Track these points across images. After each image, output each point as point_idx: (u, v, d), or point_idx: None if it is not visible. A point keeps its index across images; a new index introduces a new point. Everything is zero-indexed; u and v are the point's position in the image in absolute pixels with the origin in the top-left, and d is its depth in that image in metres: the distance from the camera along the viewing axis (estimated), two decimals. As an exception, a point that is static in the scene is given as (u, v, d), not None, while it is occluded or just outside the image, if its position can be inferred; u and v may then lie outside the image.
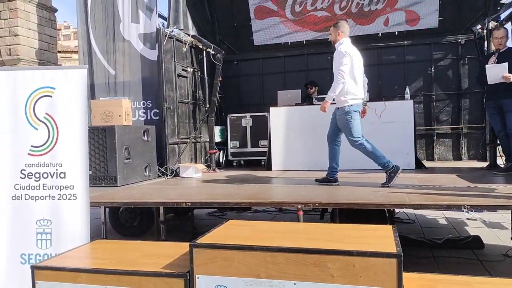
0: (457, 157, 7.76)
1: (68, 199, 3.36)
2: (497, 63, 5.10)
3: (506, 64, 4.94)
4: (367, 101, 4.94)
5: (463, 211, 3.90)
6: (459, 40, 7.70)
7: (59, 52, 11.97)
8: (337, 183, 4.78)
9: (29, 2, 9.95)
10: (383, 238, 2.53)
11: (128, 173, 5.40)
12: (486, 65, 5.18)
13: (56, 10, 10.83)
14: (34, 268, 2.74)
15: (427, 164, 6.73)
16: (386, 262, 2.16)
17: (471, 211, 6.49)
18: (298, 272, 2.27)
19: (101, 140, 5.11)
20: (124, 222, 5.93)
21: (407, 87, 6.77)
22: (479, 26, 6.50)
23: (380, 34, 8.03)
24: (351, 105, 4.59)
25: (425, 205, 3.30)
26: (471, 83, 7.67)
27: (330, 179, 4.81)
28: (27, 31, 9.98)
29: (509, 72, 4.93)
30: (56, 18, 10.93)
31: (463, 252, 4.95)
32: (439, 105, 7.89)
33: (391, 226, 2.87)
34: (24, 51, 9.84)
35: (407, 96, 6.41)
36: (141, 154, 5.67)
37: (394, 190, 3.95)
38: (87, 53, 6.53)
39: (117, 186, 5.13)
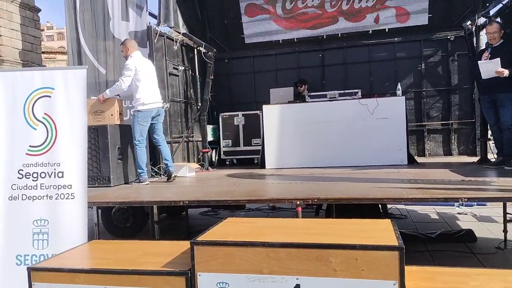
0: (448, 152, 7.84)
1: (66, 198, 3.36)
2: (490, 58, 5.14)
3: (498, 59, 4.99)
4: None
5: (458, 204, 3.95)
6: (449, 37, 7.77)
7: (42, 53, 11.78)
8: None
9: (12, 2, 9.75)
10: (383, 231, 2.54)
11: (121, 173, 5.35)
12: (479, 61, 5.23)
13: (39, 10, 10.63)
14: (30, 269, 2.70)
15: (419, 159, 6.79)
16: (388, 255, 2.17)
17: (461, 205, 6.61)
18: (301, 267, 2.27)
19: (93, 139, 5.05)
20: (117, 223, 5.88)
21: (399, 83, 6.82)
22: (468, 22, 6.54)
23: (370, 31, 8.08)
24: (139, 111, 5.26)
25: (423, 198, 3.32)
26: (461, 79, 7.76)
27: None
28: (10, 31, 9.78)
29: (502, 67, 4.98)
30: (39, 18, 10.74)
31: (456, 245, 5.00)
32: (430, 101, 7.96)
33: (389, 220, 2.88)
34: (7, 52, 9.65)
35: (399, 92, 6.46)
36: (134, 153, 5.61)
37: (390, 185, 3.97)
38: (77, 53, 6.45)
39: (110, 186, 5.08)
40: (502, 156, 5.36)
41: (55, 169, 3.37)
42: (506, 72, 4.93)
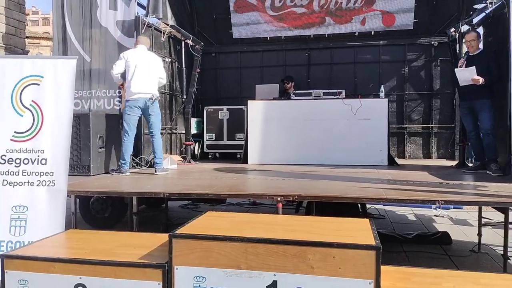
0: (427, 155, 7.98)
1: (47, 185, 3.41)
2: (466, 65, 5.25)
3: (473, 67, 5.11)
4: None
5: (435, 206, 4.02)
6: (433, 42, 7.89)
7: (26, 37, 11.51)
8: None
9: (-3, -16, 9.51)
10: (361, 231, 2.59)
11: (101, 162, 5.30)
12: (455, 69, 5.37)
13: (25, -7, 10.39)
14: (3, 257, 2.66)
15: (399, 161, 6.89)
16: (365, 254, 2.21)
17: (438, 207, 6.74)
18: (278, 264, 2.29)
19: (75, 127, 4.97)
20: (95, 213, 5.82)
21: (382, 85, 6.91)
22: (452, 29, 6.66)
23: (356, 33, 8.14)
24: (126, 100, 5.37)
25: (401, 199, 3.38)
26: (443, 84, 7.89)
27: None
28: (-6, 14, 9.53)
29: (479, 75, 5.09)
30: (25, 2, 10.48)
31: (432, 247, 5.11)
32: (411, 104, 8.08)
33: (368, 219, 2.93)
34: (-11, 35, 9.41)
35: (382, 94, 6.54)
36: (115, 143, 5.56)
37: (370, 185, 4.03)
38: (62, 40, 6.33)
39: (90, 175, 5.03)
40: (479, 161, 5.48)
41: (38, 156, 3.42)
42: (481, 80, 5.05)
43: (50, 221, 3.33)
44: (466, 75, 5.19)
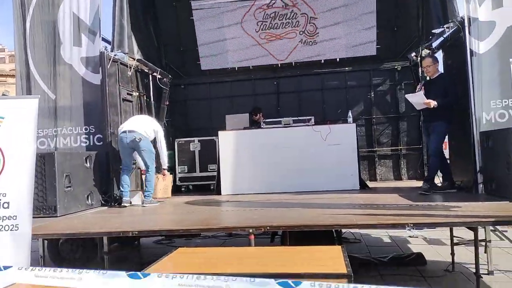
0: (398, 177, 8.11)
1: (11, 229, 3.25)
2: (426, 88, 5.45)
3: (421, 92, 5.34)
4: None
5: (406, 229, 4.05)
6: (396, 67, 8.16)
7: (-7, 75, 11.31)
8: None
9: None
10: (333, 259, 2.57)
11: (69, 202, 5.13)
12: (406, 95, 5.64)
13: (-10, 32, 10.27)
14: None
15: (371, 184, 6.98)
16: (337, 282, 2.19)
17: (412, 228, 6.81)
18: (251, 299, 2.24)
19: (39, 167, 4.83)
20: (64, 254, 5.59)
21: (350, 111, 7.04)
22: (413, 54, 6.92)
23: (322, 61, 8.34)
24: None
25: (371, 224, 3.40)
26: (408, 107, 8.08)
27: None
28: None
29: (437, 97, 5.25)
30: (-10, 40, 10.36)
31: (407, 269, 5.12)
32: (379, 128, 8.26)
33: (340, 246, 2.92)
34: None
35: (350, 119, 6.66)
36: (83, 181, 5.43)
37: (341, 211, 4.04)
38: (25, 78, 6.22)
39: (57, 216, 4.86)
40: (447, 181, 5.60)
41: (0, 199, 3.26)
42: (433, 103, 5.24)
43: (15, 265, 3.17)
44: (417, 99, 5.39)
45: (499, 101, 5.13)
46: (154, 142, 6.05)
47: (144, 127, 5.82)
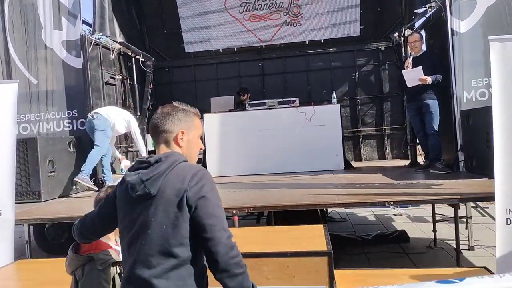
0: (382, 156, 8.21)
1: None
2: (412, 66, 5.41)
3: (420, 67, 5.28)
4: None
5: (388, 207, 4.14)
6: (380, 47, 8.17)
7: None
8: None
9: None
10: (315, 237, 2.63)
11: (53, 187, 5.11)
12: (403, 71, 5.52)
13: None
14: None
15: (355, 164, 7.06)
16: (318, 260, 2.25)
17: (396, 206, 6.95)
18: (234, 277, 2.28)
19: (22, 153, 4.79)
20: (51, 239, 5.59)
21: (334, 92, 7.06)
22: (396, 34, 6.94)
23: (307, 42, 8.31)
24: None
25: (352, 203, 3.46)
26: (392, 87, 8.16)
27: None
28: None
29: (425, 75, 5.27)
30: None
31: (391, 246, 5.25)
32: (364, 108, 8.31)
33: (322, 225, 2.98)
34: None
35: (334, 100, 6.69)
36: (67, 166, 5.39)
37: (324, 191, 4.10)
38: (5, 62, 6.09)
39: (41, 202, 4.84)
40: (429, 160, 5.69)
41: None
42: (429, 79, 5.22)
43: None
44: (413, 75, 5.33)
45: (480, 80, 5.20)
46: (128, 135, 6.07)
47: (107, 111, 5.67)
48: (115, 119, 5.65)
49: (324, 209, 5.83)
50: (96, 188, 5.21)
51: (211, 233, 1.53)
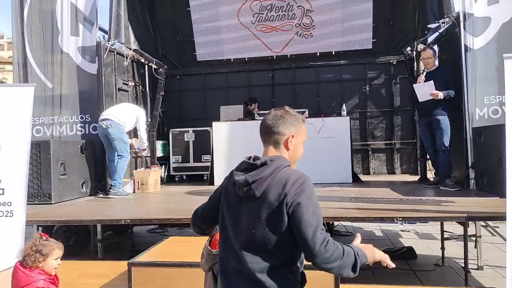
0: (391, 171, 8.15)
1: (5, 216, 3.32)
2: (425, 81, 5.40)
3: (432, 82, 5.26)
4: None
5: (396, 222, 4.11)
6: (391, 61, 8.17)
7: (-9, 62, 11.24)
8: None
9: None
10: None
11: (63, 189, 5.17)
12: (414, 85, 5.51)
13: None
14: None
15: (363, 178, 7.02)
16: (324, 275, 2.23)
17: (404, 222, 6.88)
18: (239, 287, 2.28)
19: (34, 155, 4.85)
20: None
21: (344, 104, 7.07)
22: (408, 48, 6.92)
23: (318, 53, 8.34)
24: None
25: (360, 218, 3.44)
26: (403, 101, 8.14)
27: None
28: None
29: (437, 90, 5.24)
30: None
31: (397, 262, 5.15)
32: (374, 121, 8.28)
33: (329, 239, 2.96)
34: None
35: (344, 112, 6.68)
36: (78, 169, 5.46)
37: (332, 204, 4.08)
38: (22, 65, 6.21)
39: (51, 204, 4.89)
40: (438, 176, 5.64)
41: None
42: (440, 94, 5.20)
43: (8, 252, 3.21)
44: (425, 89, 5.31)
45: (493, 97, 5.14)
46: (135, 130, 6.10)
47: (118, 114, 5.70)
48: (125, 119, 5.75)
49: (331, 222, 5.79)
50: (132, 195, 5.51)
51: (306, 240, 1.59)
